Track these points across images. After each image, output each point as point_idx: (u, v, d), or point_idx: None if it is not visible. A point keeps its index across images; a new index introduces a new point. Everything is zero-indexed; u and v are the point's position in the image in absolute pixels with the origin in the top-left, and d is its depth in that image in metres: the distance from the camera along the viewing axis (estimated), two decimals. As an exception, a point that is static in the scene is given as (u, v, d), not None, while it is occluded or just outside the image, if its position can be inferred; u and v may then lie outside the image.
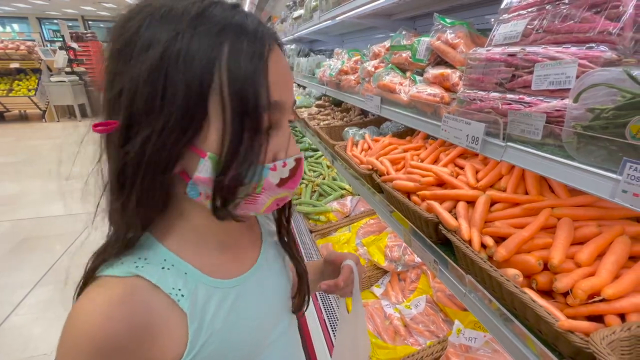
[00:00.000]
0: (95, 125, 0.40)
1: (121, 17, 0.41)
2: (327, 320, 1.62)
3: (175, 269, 0.46)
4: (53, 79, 7.96)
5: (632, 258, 0.68)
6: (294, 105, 0.48)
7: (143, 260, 0.44)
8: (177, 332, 0.44)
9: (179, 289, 0.45)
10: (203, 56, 0.38)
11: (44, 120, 8.41)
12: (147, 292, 0.43)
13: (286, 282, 0.64)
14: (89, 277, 0.44)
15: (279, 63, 0.43)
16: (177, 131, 0.39)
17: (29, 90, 8.03)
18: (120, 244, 0.44)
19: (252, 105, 0.39)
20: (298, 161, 0.47)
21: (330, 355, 1.37)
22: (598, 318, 0.62)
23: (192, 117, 0.39)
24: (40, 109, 8.34)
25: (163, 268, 0.45)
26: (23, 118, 9.01)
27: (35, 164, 5.28)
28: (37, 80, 8.15)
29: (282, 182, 0.46)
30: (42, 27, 17.28)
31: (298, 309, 0.64)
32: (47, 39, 15.64)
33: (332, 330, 1.54)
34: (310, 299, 0.67)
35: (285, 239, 0.63)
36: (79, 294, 0.43)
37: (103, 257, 0.44)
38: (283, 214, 0.62)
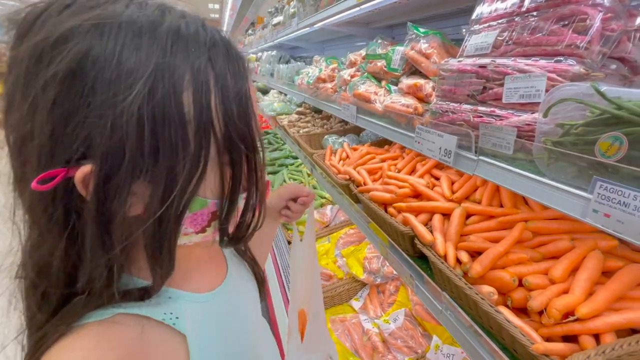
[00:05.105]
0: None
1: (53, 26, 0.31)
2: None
3: (159, 296, 0.43)
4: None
5: (605, 273, 0.67)
6: None
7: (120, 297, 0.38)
8: (178, 356, 0.42)
9: (171, 313, 0.43)
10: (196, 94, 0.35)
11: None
12: (137, 327, 0.39)
13: (254, 287, 0.66)
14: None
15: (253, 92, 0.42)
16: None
17: (-4, 94, 7.62)
18: (93, 293, 0.36)
19: (249, 145, 0.39)
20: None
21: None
22: (573, 337, 0.60)
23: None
24: (8, 113, 7.93)
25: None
26: (-10, 123, 8.50)
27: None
28: (5, 84, 7.76)
29: None
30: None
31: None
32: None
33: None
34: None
35: (242, 248, 0.65)
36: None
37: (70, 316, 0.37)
38: None
